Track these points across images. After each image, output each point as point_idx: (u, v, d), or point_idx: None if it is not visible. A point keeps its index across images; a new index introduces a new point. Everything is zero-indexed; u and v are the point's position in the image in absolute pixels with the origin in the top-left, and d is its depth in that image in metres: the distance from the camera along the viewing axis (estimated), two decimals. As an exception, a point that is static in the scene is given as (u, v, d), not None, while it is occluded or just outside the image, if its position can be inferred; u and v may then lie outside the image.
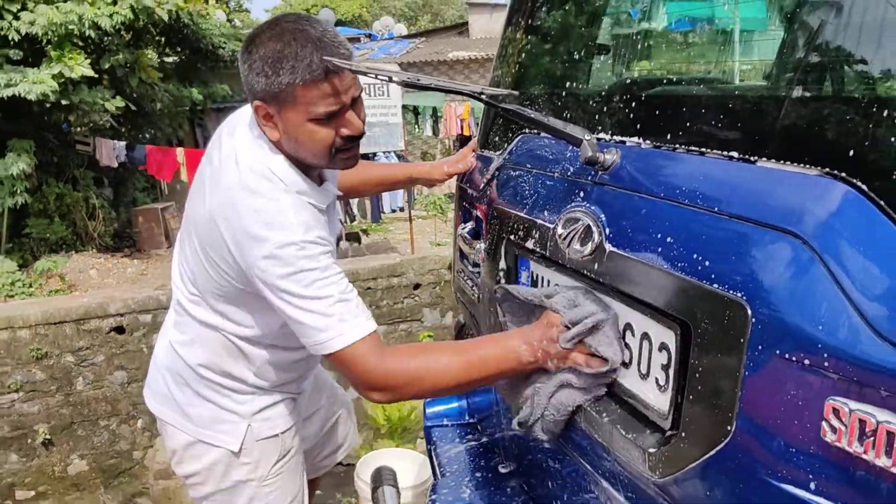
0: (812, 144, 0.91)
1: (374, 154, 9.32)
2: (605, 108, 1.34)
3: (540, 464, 1.54)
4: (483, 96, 1.29)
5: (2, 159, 8.59)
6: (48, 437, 7.10)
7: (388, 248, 9.40)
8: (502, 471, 1.77)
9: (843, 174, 0.85)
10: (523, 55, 1.69)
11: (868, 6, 0.90)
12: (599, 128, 1.30)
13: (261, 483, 1.74)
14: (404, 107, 11.08)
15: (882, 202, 0.80)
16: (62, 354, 7.10)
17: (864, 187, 0.82)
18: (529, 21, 1.67)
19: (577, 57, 1.48)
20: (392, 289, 8.24)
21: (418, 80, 1.36)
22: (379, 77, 1.39)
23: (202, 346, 1.68)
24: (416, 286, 8.32)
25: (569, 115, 1.41)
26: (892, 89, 0.85)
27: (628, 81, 1.39)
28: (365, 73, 1.41)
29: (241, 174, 1.49)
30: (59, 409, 7.16)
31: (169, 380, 1.74)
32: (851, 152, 0.85)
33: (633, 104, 1.26)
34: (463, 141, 11.81)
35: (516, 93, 1.52)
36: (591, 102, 1.40)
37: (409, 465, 2.27)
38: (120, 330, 7.24)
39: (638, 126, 1.22)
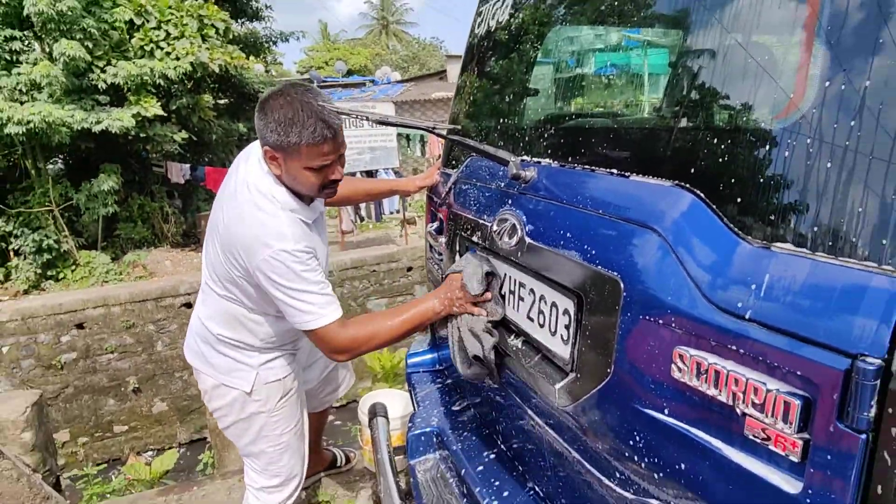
0: (667, 164, 0.92)
1: (376, 171, 9.24)
2: (527, 137, 1.35)
3: (487, 398, 1.56)
4: (435, 130, 1.30)
5: (96, 179, 8.49)
6: (137, 385, 7.08)
7: (387, 240, 9.36)
8: (460, 404, 1.79)
9: (688, 185, 0.87)
10: (471, 96, 1.70)
11: (707, 66, 0.91)
12: (524, 151, 1.32)
13: (269, 415, 1.76)
14: (399, 134, 11.01)
15: (714, 206, 0.82)
16: (145, 324, 7.06)
17: (702, 195, 0.84)
18: (476, 71, 1.67)
19: (506, 98, 1.49)
20: (391, 271, 8.23)
21: (388, 118, 1.37)
22: (360, 118, 1.40)
23: (220, 318, 1.71)
24: (409, 269, 8.31)
25: (503, 142, 1.43)
26: (717, 128, 0.87)
27: (543, 117, 1.40)
28: (348, 115, 1.42)
29: (251, 194, 1.52)
30: (145, 365, 7.13)
31: (199, 340, 1.78)
32: (693, 170, 0.87)
33: (546, 134, 1.28)
34: (443, 159, 11.72)
35: (459, 127, 1.53)
36: (518, 132, 1.41)
37: (397, 401, 2.28)
38: (188, 305, 7.19)
39: (549, 150, 1.23)
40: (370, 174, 9.28)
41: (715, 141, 0.84)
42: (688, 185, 0.86)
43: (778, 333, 0.69)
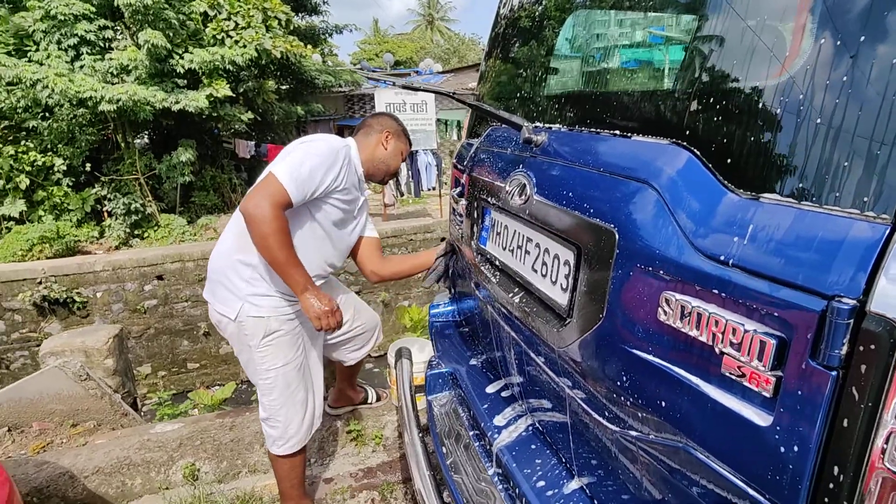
0: (665, 124, 0.87)
1: (416, 151, 9.18)
2: (540, 106, 1.30)
3: (495, 344, 1.55)
4: (454, 94, 1.26)
5: (175, 152, 8.70)
6: (206, 330, 7.31)
7: (424, 214, 9.36)
8: (473, 350, 1.78)
9: (685, 143, 0.82)
10: (494, 75, 1.64)
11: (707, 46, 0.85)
12: (538, 119, 1.27)
13: (256, 349, 1.69)
14: (438, 120, 10.89)
15: (707, 162, 0.77)
16: (214, 278, 7.26)
17: (696, 152, 0.79)
18: (498, 53, 1.61)
19: (521, 72, 1.43)
20: (426, 241, 8.23)
21: (412, 83, 1.34)
22: (396, 84, 1.37)
23: (234, 239, 1.68)
24: (443, 239, 8.30)
25: (521, 112, 1.38)
26: (712, 87, 0.81)
27: (553, 85, 1.34)
28: (377, 80, 1.40)
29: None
30: (213, 313, 7.35)
31: (211, 276, 1.75)
32: (688, 129, 0.82)
33: (556, 102, 1.22)
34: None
35: (476, 93, 1.48)
36: (532, 102, 1.36)
37: (421, 347, 2.29)
38: (250, 263, 7.35)
39: (560, 117, 1.18)
40: (410, 154, 9.23)
41: (709, 99, 0.78)
42: (684, 143, 0.81)
43: (759, 278, 0.65)
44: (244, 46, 8.10)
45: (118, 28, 7.97)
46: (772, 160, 0.69)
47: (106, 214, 8.70)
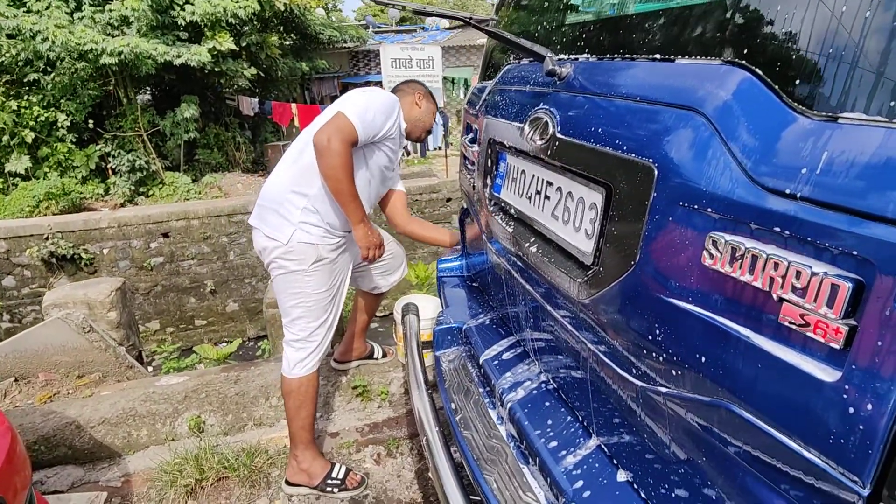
0: (718, 43, 0.75)
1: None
2: (564, 37, 1.17)
3: (506, 298, 1.46)
4: (472, 21, 1.13)
5: (178, 108, 8.51)
6: (213, 288, 7.32)
7: (430, 174, 9.18)
8: (482, 305, 1.71)
9: (742, 62, 0.70)
10: (513, 5, 1.50)
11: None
12: (560, 49, 1.14)
13: (304, 273, 1.75)
14: (444, 78, 10.58)
15: (770, 82, 0.66)
16: (220, 236, 7.21)
17: (758, 71, 0.68)
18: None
19: (548, 6, 1.28)
20: (432, 201, 8.12)
21: (423, 8, 1.20)
22: (399, 5, 1.24)
23: (292, 170, 1.75)
24: (448, 199, 8.17)
25: (539, 42, 1.25)
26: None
27: (579, 12, 1.20)
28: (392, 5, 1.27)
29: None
30: (220, 271, 7.34)
31: (259, 202, 1.80)
32: (746, 50, 0.70)
33: (583, 29, 1.10)
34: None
35: (497, 18, 1.35)
36: (556, 33, 1.23)
37: (428, 303, 2.22)
38: (256, 222, 7.29)
39: (586, 46, 1.06)
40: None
41: (771, 17, 0.67)
42: (741, 62, 0.70)
43: (835, 211, 0.55)
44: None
45: (117, -23, 7.66)
46: (855, 73, 0.57)
47: (110, 172, 8.59)
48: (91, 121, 8.25)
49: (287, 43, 11.20)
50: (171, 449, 2.00)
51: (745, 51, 0.71)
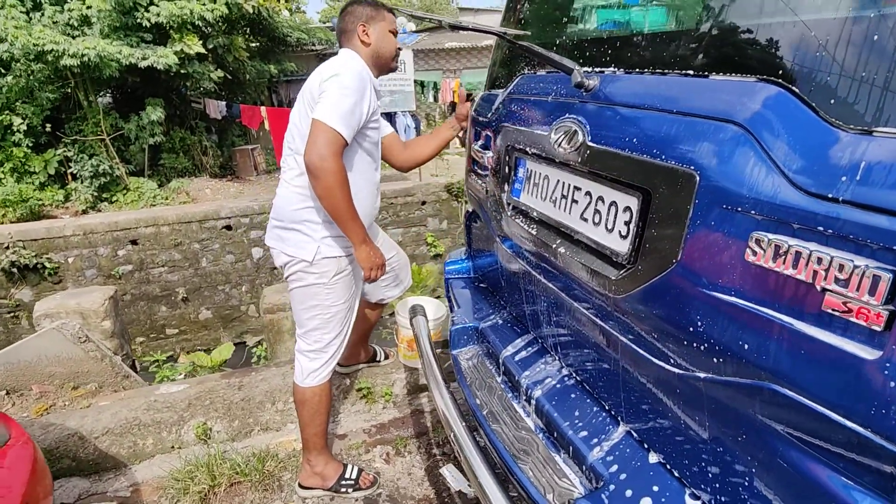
0: (753, 63, 0.84)
1: (395, 112, 8.95)
2: (587, 52, 1.25)
3: (526, 293, 1.53)
4: (507, 36, 1.20)
5: (143, 111, 8.26)
6: (185, 295, 7.14)
7: (404, 177, 9.20)
8: (493, 304, 1.77)
9: (775, 79, 0.79)
10: (531, 17, 1.57)
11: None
12: (585, 64, 1.22)
13: (325, 286, 1.76)
14: (415, 80, 10.61)
15: (804, 97, 0.75)
16: (191, 243, 7.03)
17: (791, 87, 0.77)
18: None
19: (567, 18, 1.36)
20: (407, 204, 8.14)
21: (469, 25, 1.25)
22: (434, 21, 1.29)
23: (291, 196, 1.74)
24: (423, 203, 8.22)
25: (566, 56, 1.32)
26: (803, 27, 0.78)
27: (605, 29, 1.29)
28: (426, 18, 1.32)
29: (330, 62, 1.65)
30: (192, 278, 7.16)
31: (275, 223, 1.79)
32: (778, 65, 0.79)
33: (609, 45, 1.18)
34: (453, 106, 11.37)
35: (528, 33, 1.42)
36: (579, 48, 1.30)
37: (429, 305, 2.28)
38: (228, 227, 7.16)
39: (613, 61, 1.14)
40: (389, 116, 9.01)
41: (805, 32, 0.76)
42: (776, 80, 0.79)
43: (875, 212, 0.64)
44: (213, 1, 7.64)
45: (77, -24, 7.39)
46: (886, 96, 0.67)
47: (70, 177, 8.25)
48: (49, 124, 7.91)
49: (254, 45, 11.02)
50: (180, 456, 1.98)
51: (780, 71, 0.80)
